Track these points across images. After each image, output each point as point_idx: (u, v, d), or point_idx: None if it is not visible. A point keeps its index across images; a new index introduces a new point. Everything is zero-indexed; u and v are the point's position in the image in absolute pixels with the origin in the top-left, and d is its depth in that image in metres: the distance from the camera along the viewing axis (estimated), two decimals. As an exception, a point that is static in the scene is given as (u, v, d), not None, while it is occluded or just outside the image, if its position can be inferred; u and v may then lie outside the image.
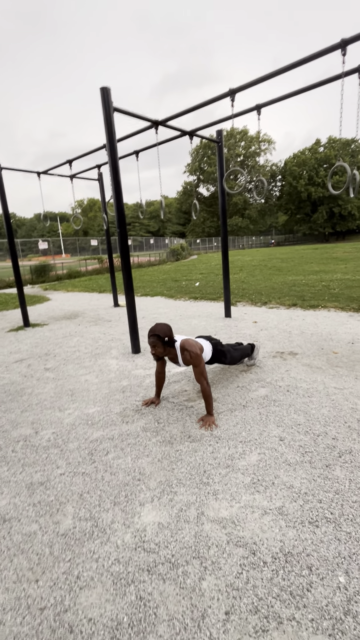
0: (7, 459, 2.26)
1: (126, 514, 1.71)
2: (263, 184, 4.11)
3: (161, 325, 2.53)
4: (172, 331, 2.56)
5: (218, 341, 3.07)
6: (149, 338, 2.52)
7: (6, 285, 14.63)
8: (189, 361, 2.57)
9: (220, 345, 3.05)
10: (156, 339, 2.50)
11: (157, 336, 2.49)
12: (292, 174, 50.68)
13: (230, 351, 3.13)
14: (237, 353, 3.22)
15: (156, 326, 2.52)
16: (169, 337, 2.51)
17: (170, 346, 2.57)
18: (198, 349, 2.57)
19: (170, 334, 2.53)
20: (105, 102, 3.58)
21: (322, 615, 1.19)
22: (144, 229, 66.29)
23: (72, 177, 6.93)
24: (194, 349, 2.53)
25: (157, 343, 2.51)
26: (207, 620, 1.21)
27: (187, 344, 2.55)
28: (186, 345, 2.54)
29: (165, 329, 2.52)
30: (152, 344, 2.52)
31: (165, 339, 2.50)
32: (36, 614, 1.27)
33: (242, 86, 3.54)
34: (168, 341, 2.52)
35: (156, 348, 2.53)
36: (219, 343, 3.05)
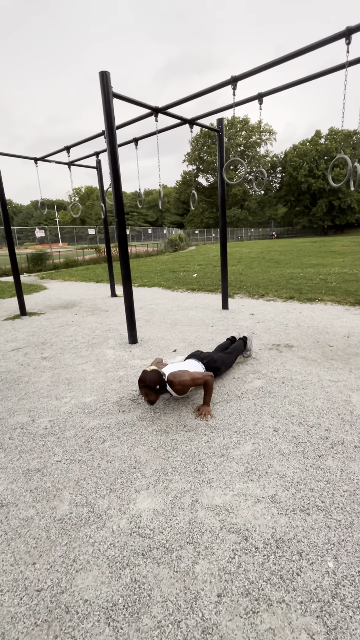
0: (4, 446, 2.28)
1: (122, 501, 1.75)
2: (263, 175, 4.08)
3: (150, 375, 2.48)
4: (160, 374, 2.51)
5: (209, 357, 2.97)
6: (141, 389, 2.52)
7: (2, 274, 14.51)
8: (182, 390, 2.58)
9: (213, 361, 2.94)
10: (148, 389, 2.50)
11: (148, 387, 2.48)
12: (293, 165, 50.20)
13: (224, 360, 3.07)
14: (231, 357, 3.19)
15: (145, 376, 2.48)
16: (159, 384, 2.51)
17: (162, 390, 2.58)
18: (185, 376, 2.53)
19: (160, 380, 2.49)
20: (104, 88, 3.51)
21: (311, 598, 1.24)
22: (142, 219, 65.70)
23: (70, 164, 6.82)
24: (181, 378, 2.51)
25: (149, 392, 2.51)
26: (199, 602, 1.24)
27: (174, 379, 2.51)
28: (173, 379, 2.52)
29: (155, 377, 2.48)
30: (145, 393, 2.52)
31: (156, 387, 2.50)
32: (33, 595, 1.30)
33: (245, 74, 3.48)
34: (159, 388, 2.53)
35: (149, 396, 2.53)
36: (211, 360, 2.94)
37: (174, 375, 2.52)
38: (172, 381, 2.51)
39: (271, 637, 1.12)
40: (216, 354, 3.08)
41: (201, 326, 4.89)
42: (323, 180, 48.39)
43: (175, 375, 2.52)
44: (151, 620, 1.19)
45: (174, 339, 4.38)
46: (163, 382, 2.53)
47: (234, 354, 3.24)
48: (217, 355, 3.07)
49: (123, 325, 5.09)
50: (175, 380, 2.50)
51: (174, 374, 2.53)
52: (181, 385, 2.51)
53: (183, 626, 1.17)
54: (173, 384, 2.51)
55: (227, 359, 3.13)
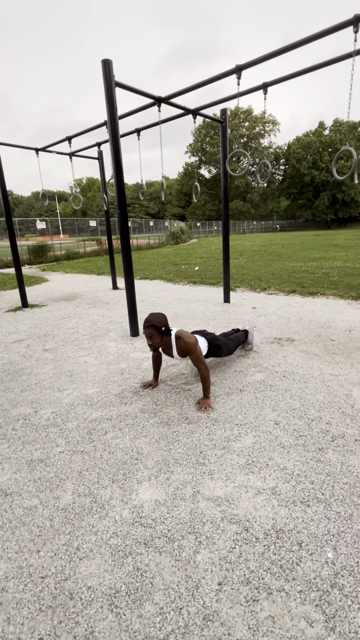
0: (8, 437, 2.30)
1: (124, 491, 1.77)
2: (267, 167, 4.04)
3: (156, 315, 2.48)
4: (167, 319, 2.53)
5: (213, 335, 3.01)
6: (145, 329, 2.46)
7: (4, 265, 14.49)
8: (184, 350, 2.54)
9: (216, 339, 2.97)
10: (153, 330, 2.44)
11: (154, 326, 2.43)
12: (296, 157, 49.56)
13: (226, 343, 3.09)
14: (232, 343, 3.20)
15: (151, 316, 2.46)
16: (165, 327, 2.48)
17: (167, 335, 2.54)
18: (193, 339, 2.53)
19: (166, 323, 2.50)
20: (106, 76, 3.45)
21: (310, 587, 1.26)
22: (144, 211, 65.24)
23: (71, 154, 6.75)
24: (189, 338, 2.51)
25: (154, 333, 2.45)
26: (200, 590, 1.27)
27: (182, 334, 2.53)
28: (181, 335, 2.51)
29: (161, 318, 2.48)
30: (149, 334, 2.46)
31: (162, 329, 2.47)
32: (37, 581, 1.33)
33: (250, 62, 3.41)
34: (165, 330, 2.49)
35: (153, 339, 2.47)
36: (214, 337, 2.98)
37: (183, 332, 2.55)
38: (179, 336, 2.51)
39: (271, 625, 1.15)
40: (219, 336, 3.13)
41: (203, 319, 4.89)
42: (327, 172, 47.81)
43: (184, 333, 2.53)
44: (153, 607, 1.22)
45: (176, 332, 4.38)
46: (169, 329, 2.52)
47: (234, 340, 3.26)
48: (221, 337, 3.11)
49: (125, 317, 5.09)
50: (182, 335, 2.50)
51: (183, 331, 2.55)
52: (186, 344, 2.48)
53: (184, 613, 1.19)
54: (179, 338, 2.51)
55: (228, 343, 3.15)
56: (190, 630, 1.14)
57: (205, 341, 2.88)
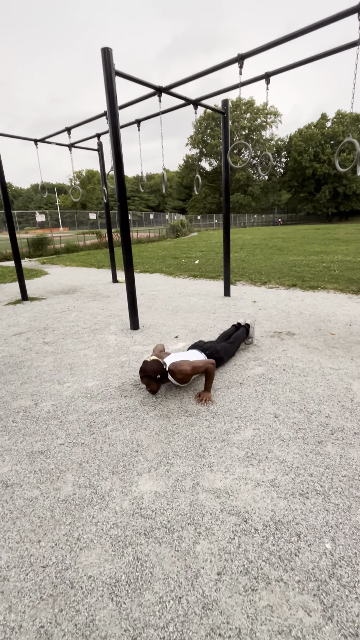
0: (8, 429, 2.31)
1: (124, 483, 1.78)
2: (268, 159, 4.00)
3: (150, 364, 2.51)
4: (161, 364, 2.54)
5: (212, 347, 2.95)
6: (142, 379, 2.57)
7: (3, 258, 14.43)
8: (183, 379, 2.61)
9: (215, 351, 2.93)
10: (148, 379, 2.54)
11: (149, 377, 2.53)
12: (298, 150, 49.02)
13: (227, 349, 3.08)
14: (233, 346, 3.20)
15: (146, 366, 2.52)
16: (160, 374, 2.55)
17: (163, 380, 2.64)
18: (185, 365, 2.52)
19: (160, 369, 2.53)
20: (106, 65, 3.39)
21: (308, 577, 1.27)
22: (144, 204, 64.78)
23: (70, 146, 6.68)
24: (182, 368, 2.50)
25: (150, 382, 2.56)
26: (200, 580, 1.28)
27: (175, 368, 2.51)
28: (174, 369, 2.52)
29: (155, 367, 2.51)
30: (147, 383, 2.57)
31: (157, 377, 2.55)
32: (39, 571, 1.34)
33: (252, 51, 3.35)
34: (160, 377, 2.59)
35: (151, 386, 2.58)
36: (214, 350, 2.93)
37: (175, 365, 2.53)
38: (173, 371, 2.52)
39: (269, 614, 1.16)
40: (219, 344, 3.07)
41: (203, 313, 4.88)
42: (329, 165, 47.35)
43: (177, 365, 2.52)
44: (153, 596, 1.23)
45: (176, 325, 4.38)
46: (164, 371, 2.55)
47: (236, 342, 3.25)
48: (220, 345, 3.07)
49: (125, 311, 5.08)
50: (176, 369, 2.51)
51: (175, 364, 2.53)
52: (182, 374, 2.52)
53: (184, 602, 1.21)
54: (174, 373, 2.52)
55: (229, 349, 3.13)
56: (189, 619, 1.16)
57: (204, 357, 2.83)
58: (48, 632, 1.14)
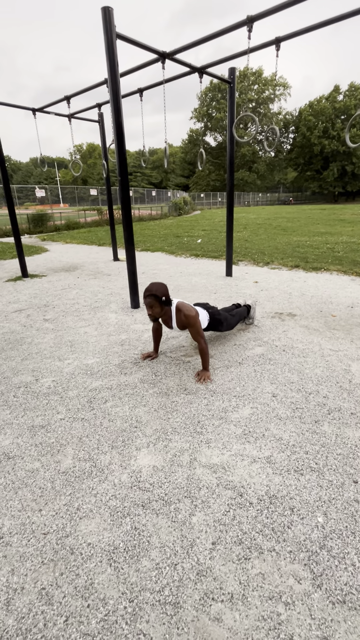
0: (9, 403, 2.35)
1: (123, 457, 1.82)
2: (275, 133, 3.83)
3: (157, 284, 2.44)
4: (167, 289, 2.48)
5: (215, 309, 2.98)
6: (146, 298, 2.42)
7: (3, 234, 14.24)
8: (183, 323, 2.53)
9: (217, 313, 2.94)
10: (153, 299, 2.40)
11: (155, 296, 2.39)
12: (307, 125, 47.11)
13: (227, 319, 3.06)
14: (234, 319, 3.18)
15: (152, 286, 2.41)
16: (166, 297, 2.44)
17: (167, 305, 2.49)
18: (194, 312, 2.50)
19: (167, 293, 2.46)
20: (106, 26, 3.19)
21: (300, 548, 1.32)
22: (146, 180, 63.11)
23: (70, 116, 6.42)
24: (189, 311, 2.48)
25: (154, 303, 2.41)
26: (195, 549, 1.33)
27: (182, 306, 2.49)
28: (182, 307, 2.48)
29: (162, 288, 2.43)
30: (149, 304, 2.42)
31: (162, 299, 2.42)
32: (40, 537, 1.40)
33: (263, 13, 3.14)
34: (165, 300, 2.44)
35: (153, 308, 2.44)
36: (216, 311, 2.95)
37: (184, 304, 2.51)
38: (179, 308, 2.49)
39: (261, 581, 1.21)
40: (222, 311, 3.09)
41: (204, 293, 4.85)
42: (338, 141, 45.63)
43: (185, 305, 2.50)
44: (150, 563, 1.28)
45: (177, 304, 4.36)
46: (169, 298, 2.48)
47: (236, 316, 3.24)
48: (223, 312, 3.08)
49: (125, 289, 5.05)
50: (183, 308, 2.47)
51: (184, 304, 2.52)
52: (186, 317, 2.46)
53: (179, 569, 1.26)
54: (180, 310, 2.48)
55: (230, 319, 3.12)
56: (184, 584, 1.21)
57: (206, 314, 2.85)
58: (49, 594, 1.19)
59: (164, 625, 1.09)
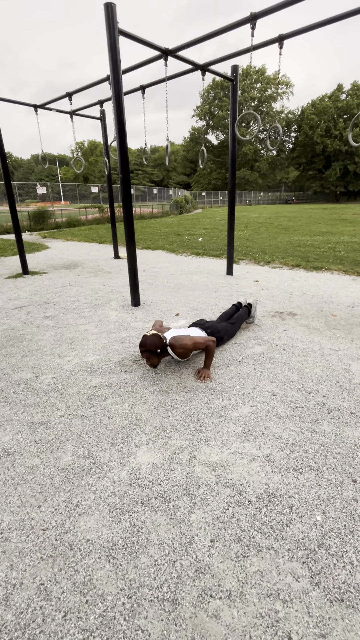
0: (9, 400, 2.35)
1: (122, 454, 1.82)
2: (278, 130, 3.82)
3: (150, 338, 2.48)
4: (161, 338, 2.51)
5: (213, 326, 2.95)
6: (142, 354, 2.54)
7: (4, 231, 14.22)
8: (184, 354, 2.60)
9: (216, 330, 2.92)
10: (149, 354, 2.52)
11: (149, 351, 2.50)
12: (309, 124, 46.93)
13: (227, 330, 3.07)
14: (234, 327, 3.18)
15: (145, 341, 2.49)
16: (160, 348, 2.52)
17: (164, 351, 2.59)
18: (186, 340, 2.53)
19: (160, 343, 2.50)
20: (109, 22, 3.18)
21: (298, 546, 1.32)
22: (148, 178, 62.99)
23: (72, 113, 6.40)
24: (182, 344, 2.50)
25: (151, 356, 2.54)
26: (193, 546, 1.33)
27: (175, 342, 2.51)
28: (175, 343, 2.51)
29: (155, 341, 2.48)
30: (147, 357, 2.55)
31: (157, 351, 2.51)
32: (39, 533, 1.40)
33: (266, 10, 3.12)
34: (160, 351, 2.55)
35: (151, 360, 2.56)
36: (214, 329, 2.92)
37: (176, 339, 2.53)
38: (173, 345, 2.52)
39: (259, 578, 1.21)
40: (220, 324, 3.06)
41: (205, 291, 4.85)
42: (340, 140, 45.45)
43: (177, 339, 2.52)
44: (148, 559, 1.28)
45: (177, 303, 4.36)
46: (164, 345, 2.54)
47: (237, 323, 3.23)
48: (221, 325, 3.06)
49: (126, 287, 5.05)
50: (176, 344, 2.51)
51: (176, 338, 2.53)
52: (182, 349, 2.52)
53: (178, 565, 1.26)
54: (175, 347, 2.52)
55: (230, 329, 3.12)
56: (182, 581, 1.21)
57: (204, 334, 2.83)
58: (48, 589, 1.19)
59: (162, 621, 1.10)
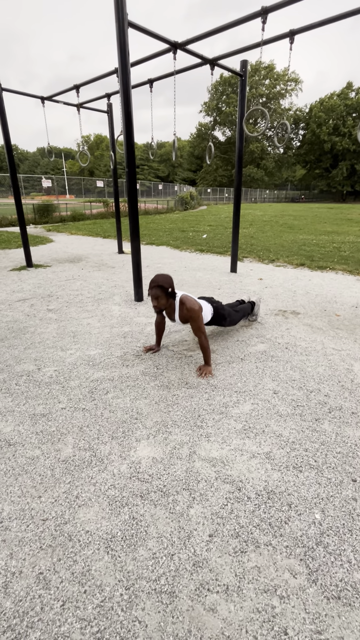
0: (11, 391, 2.36)
1: (123, 448, 1.83)
2: (286, 127, 3.78)
3: (163, 276, 2.43)
4: (172, 281, 2.48)
5: (219, 304, 2.96)
6: (151, 289, 2.41)
7: (8, 224, 14.23)
8: (185, 317, 2.52)
9: (222, 308, 2.93)
10: (159, 290, 2.40)
11: (161, 287, 2.38)
12: (317, 122, 46.46)
13: (231, 314, 3.05)
14: (237, 315, 3.17)
15: (158, 277, 2.41)
16: (171, 288, 2.44)
17: (172, 298, 2.49)
18: (197, 306, 2.50)
19: (172, 284, 2.45)
20: (118, 14, 3.15)
21: (296, 543, 1.32)
22: (153, 173, 62.74)
23: (79, 106, 6.37)
24: (192, 305, 2.48)
25: (160, 294, 2.41)
26: (192, 540, 1.34)
27: (186, 299, 2.48)
28: (185, 300, 2.47)
29: (168, 279, 2.43)
30: (155, 295, 2.42)
31: (168, 290, 2.42)
32: (39, 523, 1.41)
33: (277, 4, 3.08)
34: (171, 292, 2.44)
35: (159, 300, 2.43)
36: (220, 306, 2.93)
37: (188, 297, 2.50)
38: (183, 301, 2.48)
39: (256, 574, 1.22)
40: (226, 306, 3.07)
41: (208, 288, 4.84)
42: (349, 138, 44.99)
43: (189, 298, 2.49)
44: (147, 552, 1.29)
45: (180, 299, 4.35)
46: (174, 290, 2.48)
47: (240, 313, 3.23)
48: (227, 307, 3.07)
49: (129, 282, 5.05)
50: (187, 301, 2.47)
51: (187, 296, 2.51)
52: (189, 311, 2.46)
53: (176, 559, 1.27)
54: (183, 303, 2.48)
55: (233, 315, 3.11)
56: (180, 574, 1.22)
57: (210, 307, 2.84)
58: (47, 579, 1.21)
59: (159, 613, 1.10)
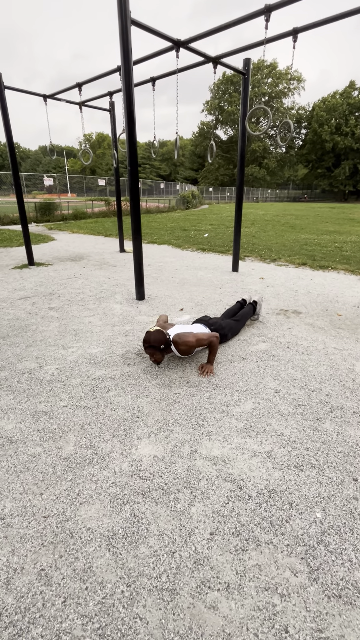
0: (13, 389, 2.37)
1: (124, 446, 1.83)
2: (289, 126, 3.77)
3: (153, 334, 2.48)
4: (164, 334, 2.51)
5: (217, 322, 2.94)
6: (146, 349, 2.53)
7: (10, 222, 14.24)
8: (186, 351, 2.59)
9: (220, 327, 2.91)
10: (153, 349, 2.51)
11: (153, 347, 2.49)
12: (319, 121, 46.28)
13: (232, 327, 3.06)
14: (239, 325, 3.18)
15: (149, 337, 2.48)
16: (164, 344, 2.51)
17: (167, 348, 2.58)
18: (190, 337, 2.52)
19: (164, 339, 2.50)
20: (121, 11, 3.14)
21: (297, 542, 1.33)
22: (155, 172, 62.63)
23: (81, 104, 6.36)
24: (186, 339, 2.50)
25: (154, 352, 2.52)
26: (193, 538, 1.34)
27: (179, 339, 2.51)
28: (178, 340, 2.51)
29: (159, 337, 2.48)
30: (151, 353, 2.54)
31: (161, 347, 2.50)
32: (40, 520, 1.41)
33: (282, 2, 3.07)
34: (164, 347, 2.54)
35: (155, 355, 2.55)
36: (218, 326, 2.91)
37: (179, 336, 2.53)
38: (176, 342, 2.52)
39: (257, 572, 1.22)
40: (224, 321, 3.05)
41: (209, 287, 4.84)
42: (352, 138, 44.80)
43: (180, 336, 2.52)
44: (148, 550, 1.30)
45: (182, 298, 4.35)
46: (167, 342, 2.54)
47: (242, 321, 3.22)
48: (225, 322, 3.05)
49: (131, 281, 5.05)
50: (180, 340, 2.51)
51: (179, 335, 2.53)
52: (185, 345, 2.52)
53: (177, 557, 1.27)
54: (178, 344, 2.52)
55: (235, 326, 3.11)
56: (181, 572, 1.22)
57: (208, 331, 2.82)
58: (48, 575, 1.21)
59: (160, 610, 1.11)
